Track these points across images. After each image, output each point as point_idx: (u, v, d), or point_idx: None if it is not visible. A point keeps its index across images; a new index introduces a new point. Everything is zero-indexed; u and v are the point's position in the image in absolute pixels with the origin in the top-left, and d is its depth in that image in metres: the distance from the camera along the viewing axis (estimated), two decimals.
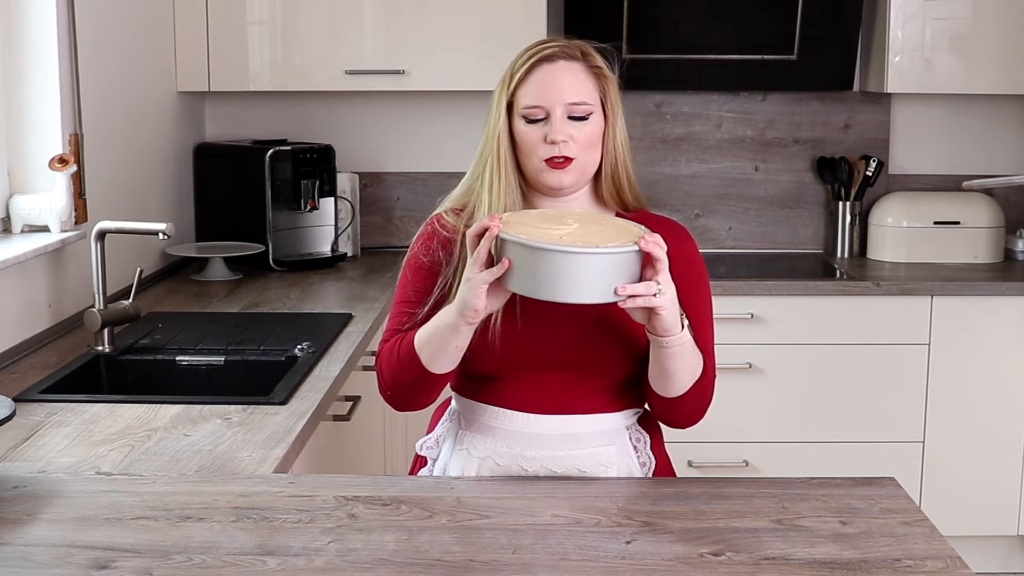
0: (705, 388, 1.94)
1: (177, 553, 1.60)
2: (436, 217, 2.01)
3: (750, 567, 1.57)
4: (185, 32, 3.85)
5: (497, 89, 1.94)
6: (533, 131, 1.90)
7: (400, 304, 1.98)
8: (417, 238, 2.01)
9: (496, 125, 1.92)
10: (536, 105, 1.89)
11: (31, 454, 2.04)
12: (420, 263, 1.97)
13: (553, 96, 1.88)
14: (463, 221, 1.95)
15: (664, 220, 2.01)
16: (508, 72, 1.93)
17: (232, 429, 2.18)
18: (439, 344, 1.85)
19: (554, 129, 1.88)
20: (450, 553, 1.61)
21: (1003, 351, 3.78)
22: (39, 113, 2.98)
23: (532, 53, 1.91)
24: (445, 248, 1.95)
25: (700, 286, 1.98)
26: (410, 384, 1.92)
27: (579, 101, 1.89)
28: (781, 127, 4.29)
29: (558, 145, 1.88)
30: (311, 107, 4.21)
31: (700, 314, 1.96)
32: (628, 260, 1.73)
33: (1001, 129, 4.27)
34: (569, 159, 1.90)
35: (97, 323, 2.74)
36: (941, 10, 3.90)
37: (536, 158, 1.90)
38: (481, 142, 1.96)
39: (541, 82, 1.89)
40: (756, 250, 4.33)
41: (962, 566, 1.58)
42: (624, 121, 1.96)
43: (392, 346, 1.93)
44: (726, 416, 3.78)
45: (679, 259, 1.92)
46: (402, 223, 4.26)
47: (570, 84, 1.89)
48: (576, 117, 1.89)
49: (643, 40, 4.00)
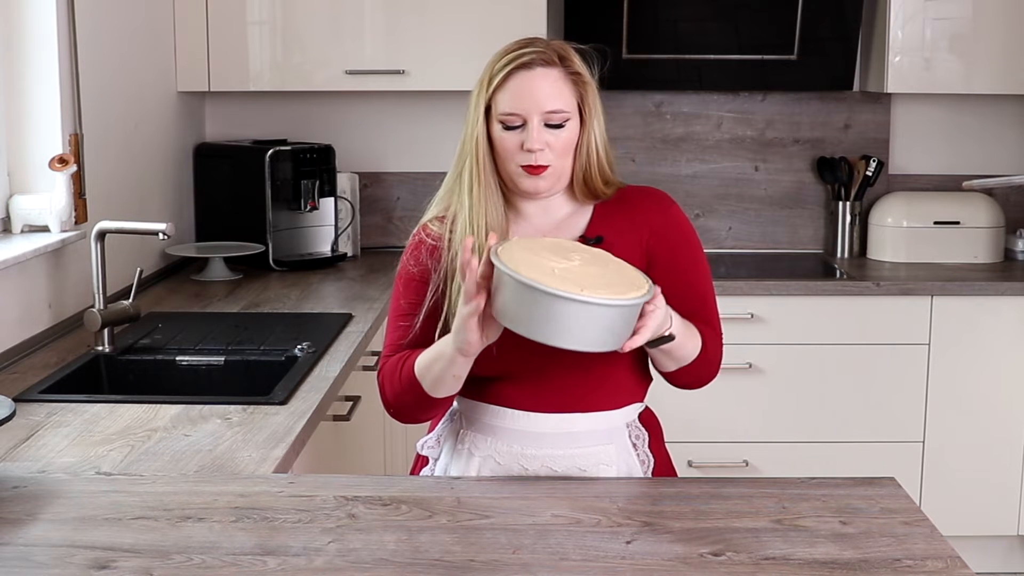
0: (710, 352, 1.98)
1: (177, 553, 1.60)
2: (422, 227, 2.03)
3: (750, 567, 1.57)
4: (185, 32, 3.85)
5: (475, 91, 1.95)
6: (510, 137, 1.91)
7: (396, 318, 2.00)
8: (406, 250, 2.04)
9: (474, 128, 1.94)
10: (513, 112, 1.90)
11: (31, 454, 2.04)
12: (411, 275, 1.99)
13: (530, 104, 1.89)
14: (447, 226, 1.97)
15: (645, 190, 2.05)
16: (487, 74, 1.93)
17: (232, 429, 2.18)
18: (439, 373, 1.87)
19: (531, 138, 1.90)
20: (450, 553, 1.61)
21: (1003, 351, 3.78)
22: (39, 113, 2.98)
23: (510, 59, 1.91)
24: (433, 256, 1.97)
25: (693, 251, 2.02)
26: (413, 405, 1.94)
27: (556, 109, 1.90)
28: (781, 127, 4.29)
29: (534, 153, 1.90)
30: (311, 107, 4.20)
31: (698, 278, 2.01)
32: (626, 312, 1.72)
33: (1001, 129, 4.27)
34: (544, 167, 1.92)
35: (97, 323, 2.74)
36: (941, 10, 3.90)
37: (513, 164, 1.93)
38: (459, 143, 1.98)
39: (518, 89, 1.90)
40: (756, 250, 4.33)
41: (962, 566, 1.58)
42: (603, 121, 1.97)
43: (394, 366, 1.95)
44: (726, 416, 3.79)
45: (667, 228, 1.99)
46: (402, 223, 4.26)
47: (547, 92, 1.90)
48: (553, 125, 1.91)
49: (643, 40, 4.00)
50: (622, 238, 1.97)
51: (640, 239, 1.98)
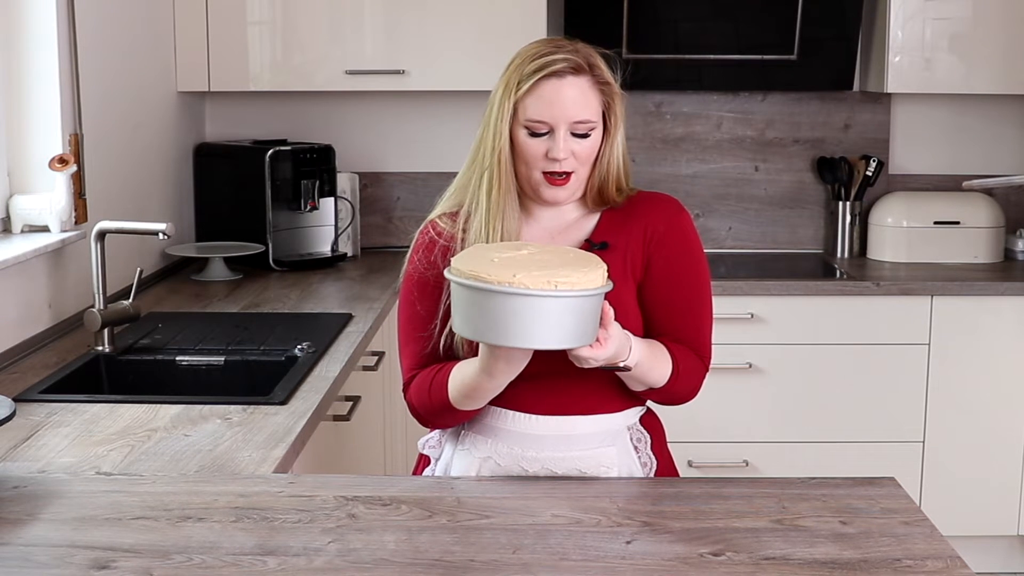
0: (681, 382, 1.93)
1: (177, 553, 1.60)
2: (431, 224, 1.99)
3: (750, 567, 1.57)
4: (185, 32, 3.85)
5: (499, 90, 1.90)
6: (535, 144, 1.89)
7: (413, 328, 1.95)
8: (414, 249, 1.98)
9: (498, 128, 1.89)
10: (541, 120, 1.87)
11: (31, 454, 2.04)
12: (424, 278, 1.94)
13: (559, 113, 1.87)
14: (460, 225, 1.94)
15: (656, 196, 2.01)
16: (514, 76, 1.89)
17: (232, 429, 2.18)
18: (474, 397, 1.86)
19: (557, 147, 1.87)
20: (450, 553, 1.61)
21: (1003, 351, 3.78)
22: (39, 113, 2.98)
23: (541, 64, 1.87)
24: (445, 256, 1.92)
25: (695, 265, 1.97)
26: (450, 420, 1.95)
27: (583, 119, 1.88)
28: (781, 127, 4.29)
29: (559, 162, 1.88)
30: (311, 107, 4.20)
31: (693, 296, 1.96)
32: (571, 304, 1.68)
33: (1001, 129, 4.27)
34: (568, 175, 1.90)
35: (97, 323, 2.74)
36: (941, 10, 3.90)
37: (536, 171, 1.90)
38: (477, 140, 1.94)
39: (548, 98, 1.86)
40: (756, 250, 4.33)
41: (962, 566, 1.58)
42: (624, 130, 1.95)
43: (422, 387, 1.92)
44: (726, 416, 3.79)
45: (668, 235, 1.94)
46: (402, 223, 4.26)
47: (576, 101, 1.87)
48: (578, 134, 1.89)
49: (643, 40, 4.00)
50: (627, 245, 1.95)
51: (643, 246, 1.95)
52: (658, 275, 1.94)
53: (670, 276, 1.94)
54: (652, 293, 1.94)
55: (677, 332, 1.94)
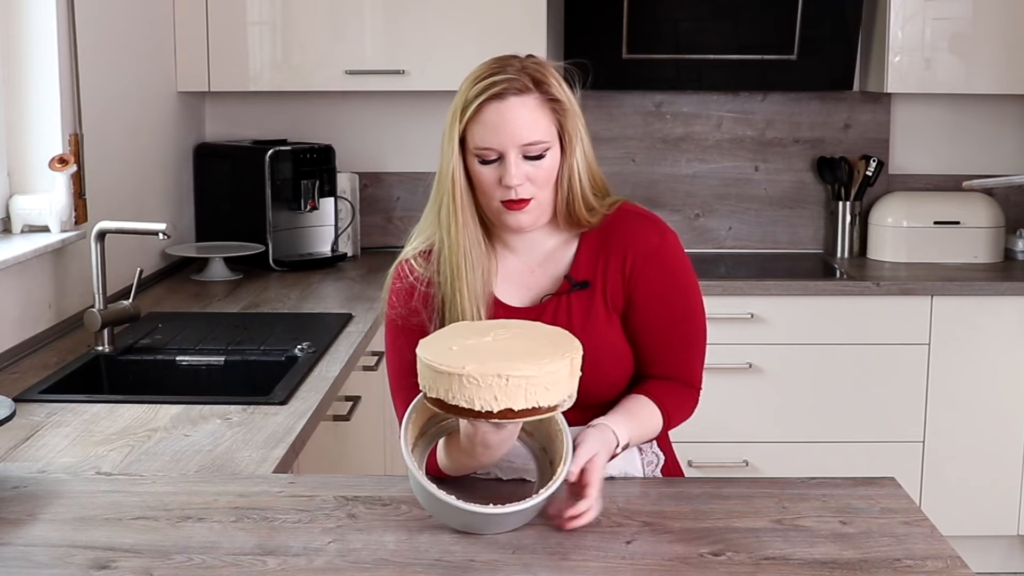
0: (672, 423, 1.90)
1: (177, 553, 1.60)
2: (407, 266, 1.90)
3: (750, 567, 1.57)
4: (185, 32, 3.85)
5: (448, 121, 1.81)
6: (488, 172, 1.79)
7: (400, 377, 1.86)
8: (392, 291, 1.90)
9: (449, 161, 1.79)
10: (488, 147, 1.77)
11: (31, 454, 2.04)
12: (408, 325, 1.86)
13: (506, 138, 1.76)
14: (434, 267, 1.87)
15: (636, 216, 1.89)
16: (459, 103, 1.80)
17: (232, 429, 2.18)
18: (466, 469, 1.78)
19: (509, 173, 1.77)
20: (450, 553, 1.61)
21: (1003, 351, 3.78)
22: (39, 113, 2.98)
23: (481, 89, 1.78)
24: (427, 304, 1.86)
25: (680, 295, 1.88)
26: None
27: (533, 141, 1.77)
28: (781, 127, 4.29)
29: (513, 189, 1.78)
30: (311, 107, 4.20)
31: (682, 326, 1.88)
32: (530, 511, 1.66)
33: (1001, 129, 4.27)
34: (527, 200, 1.80)
35: (97, 323, 2.74)
36: (941, 10, 3.90)
37: (494, 200, 1.80)
38: (436, 176, 1.84)
39: (492, 122, 1.76)
40: (756, 250, 4.33)
41: (962, 566, 1.58)
42: (588, 143, 1.84)
43: None
44: (726, 416, 3.79)
45: (649, 263, 1.85)
46: (402, 223, 4.25)
47: (523, 123, 1.76)
48: (532, 156, 1.78)
49: (643, 40, 4.00)
50: (606, 280, 1.86)
51: (622, 281, 1.86)
52: (640, 308, 1.86)
53: (651, 310, 1.86)
54: (636, 326, 1.87)
55: (666, 365, 1.88)
